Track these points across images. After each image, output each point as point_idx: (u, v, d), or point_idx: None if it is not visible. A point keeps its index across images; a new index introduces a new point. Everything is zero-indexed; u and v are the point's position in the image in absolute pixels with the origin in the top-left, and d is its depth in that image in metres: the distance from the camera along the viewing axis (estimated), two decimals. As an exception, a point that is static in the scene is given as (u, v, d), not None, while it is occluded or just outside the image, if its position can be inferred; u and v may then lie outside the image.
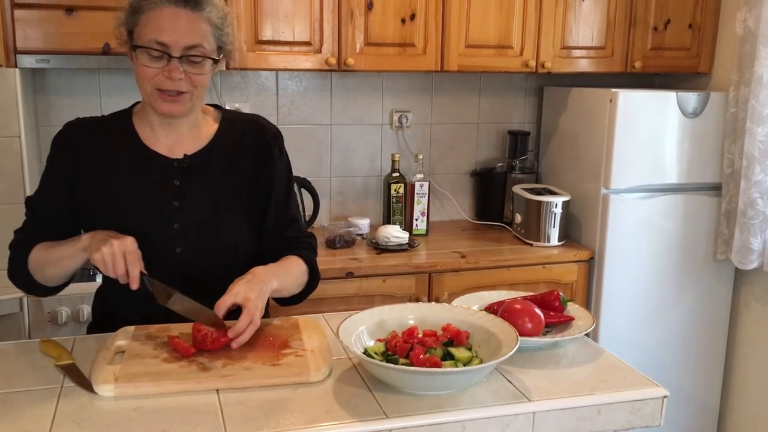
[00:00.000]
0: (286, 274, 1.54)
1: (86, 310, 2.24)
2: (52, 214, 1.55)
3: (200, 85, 1.49)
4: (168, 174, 1.55)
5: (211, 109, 1.66)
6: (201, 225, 1.55)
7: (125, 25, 1.48)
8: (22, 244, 1.54)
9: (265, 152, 1.61)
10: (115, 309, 1.58)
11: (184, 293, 1.43)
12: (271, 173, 1.62)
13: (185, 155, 1.56)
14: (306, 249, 1.64)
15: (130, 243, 1.38)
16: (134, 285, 1.37)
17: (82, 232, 1.53)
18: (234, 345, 1.36)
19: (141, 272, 1.38)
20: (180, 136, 1.57)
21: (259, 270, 1.46)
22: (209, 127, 1.61)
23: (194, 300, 1.41)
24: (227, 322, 1.39)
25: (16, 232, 1.59)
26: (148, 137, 1.57)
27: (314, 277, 1.64)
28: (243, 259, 1.60)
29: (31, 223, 1.58)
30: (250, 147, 1.61)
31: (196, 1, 1.45)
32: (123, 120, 1.59)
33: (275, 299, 1.62)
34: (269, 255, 1.60)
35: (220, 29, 1.50)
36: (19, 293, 2.18)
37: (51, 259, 1.48)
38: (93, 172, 1.54)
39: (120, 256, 1.36)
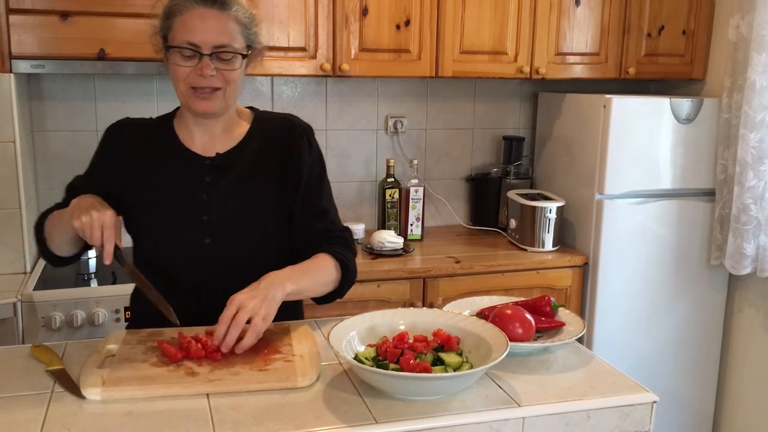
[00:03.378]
0: (307, 275, 1.53)
1: (80, 315, 2.24)
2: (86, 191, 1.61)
3: (232, 81, 1.55)
4: (200, 171, 1.61)
5: (247, 111, 1.71)
6: (228, 218, 1.59)
7: (160, 32, 1.55)
8: (45, 212, 1.62)
9: (293, 147, 1.65)
10: (151, 310, 1.58)
11: (214, 283, 1.51)
12: (299, 167, 1.64)
13: (217, 153, 1.62)
14: (339, 245, 1.63)
15: (108, 216, 1.42)
16: (107, 260, 1.40)
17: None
18: (238, 350, 1.37)
19: (117, 247, 1.41)
20: (214, 136, 1.63)
21: (270, 275, 1.46)
22: (242, 127, 1.66)
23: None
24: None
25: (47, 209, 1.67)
26: (185, 137, 1.64)
27: (347, 274, 1.62)
28: (273, 253, 1.63)
29: (63, 199, 1.64)
30: (279, 143, 1.65)
31: (222, 2, 1.51)
32: (165, 121, 1.67)
33: (313, 299, 1.63)
34: (302, 251, 1.61)
35: (248, 28, 1.56)
36: (14, 298, 2.19)
37: (55, 225, 1.55)
38: (132, 167, 1.61)
39: (98, 228, 1.40)
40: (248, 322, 1.38)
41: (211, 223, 1.59)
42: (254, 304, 1.38)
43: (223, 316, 1.37)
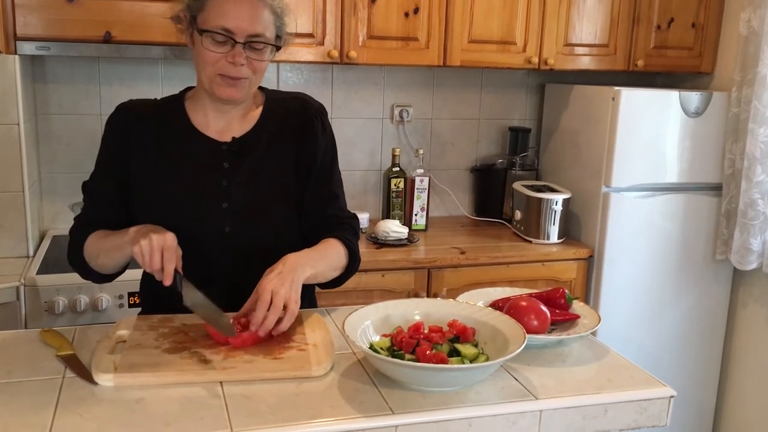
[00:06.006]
0: (322, 259, 1.53)
1: (83, 300, 2.22)
2: (107, 198, 1.58)
3: (260, 71, 1.53)
4: (218, 157, 1.57)
5: (257, 91, 1.67)
6: (249, 204, 1.57)
7: (189, 10, 1.51)
8: (79, 231, 1.57)
9: (308, 129, 1.63)
10: (162, 296, 1.54)
11: (231, 270, 1.49)
12: (313, 149, 1.63)
13: (233, 138, 1.58)
14: (346, 231, 1.63)
15: (169, 239, 1.37)
16: (167, 281, 1.35)
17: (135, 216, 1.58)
18: (274, 332, 1.37)
19: (176, 271, 1.36)
20: (230, 121, 1.60)
21: (291, 258, 1.45)
22: (255, 110, 1.63)
23: (212, 300, 1.39)
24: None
25: (75, 218, 1.62)
26: (200, 122, 1.60)
27: (354, 260, 1.62)
28: (291, 239, 1.61)
29: (88, 209, 1.61)
30: (293, 125, 1.62)
31: None
32: (175, 104, 1.62)
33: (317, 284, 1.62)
34: (311, 235, 1.60)
35: (281, 18, 1.54)
36: (16, 282, 2.16)
37: (103, 249, 1.51)
38: (144, 153, 1.56)
39: (158, 250, 1.35)
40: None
41: (231, 210, 1.56)
42: (285, 290, 1.37)
43: (260, 303, 1.35)
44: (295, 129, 1.62)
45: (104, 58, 2.68)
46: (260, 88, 1.68)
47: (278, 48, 1.54)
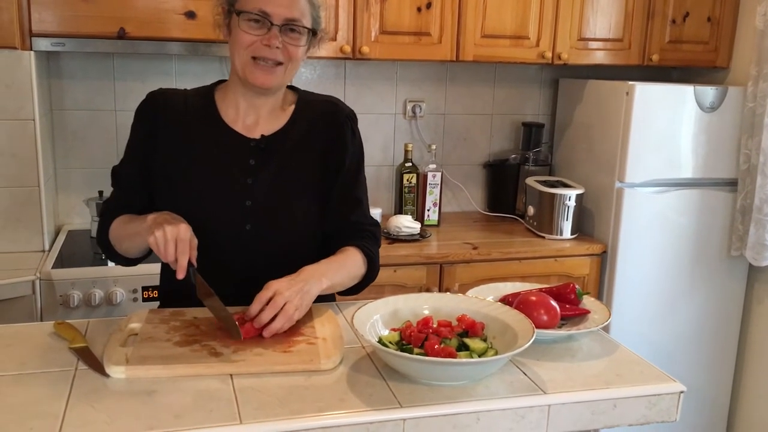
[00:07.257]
0: (339, 270, 1.54)
1: (98, 294, 2.24)
2: (134, 183, 1.59)
3: (295, 59, 1.52)
4: (244, 153, 1.57)
5: (288, 90, 1.67)
6: (271, 204, 1.56)
7: None
8: (106, 216, 1.59)
9: (337, 133, 1.62)
10: (179, 289, 1.52)
11: (251, 270, 1.49)
12: (342, 155, 1.62)
13: (262, 136, 1.58)
14: (368, 240, 1.63)
15: (183, 230, 1.37)
16: (180, 274, 1.36)
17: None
18: (266, 333, 1.36)
19: (190, 263, 1.37)
20: (260, 117, 1.60)
21: (307, 270, 1.46)
22: (286, 109, 1.63)
23: (219, 299, 1.41)
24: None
25: (104, 202, 1.65)
26: (228, 115, 1.59)
27: (373, 269, 1.63)
28: (311, 240, 1.62)
29: (116, 194, 1.63)
30: (323, 128, 1.62)
31: None
32: (205, 96, 1.62)
33: None
34: (333, 240, 1.61)
35: (316, 10, 1.54)
36: (32, 276, 2.19)
37: (126, 234, 1.53)
38: (171, 143, 1.56)
39: (171, 242, 1.35)
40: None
41: (253, 208, 1.55)
42: (290, 293, 1.38)
43: (258, 297, 1.37)
44: (324, 133, 1.61)
45: (119, 54, 2.70)
46: (293, 88, 1.69)
47: (314, 34, 1.54)
